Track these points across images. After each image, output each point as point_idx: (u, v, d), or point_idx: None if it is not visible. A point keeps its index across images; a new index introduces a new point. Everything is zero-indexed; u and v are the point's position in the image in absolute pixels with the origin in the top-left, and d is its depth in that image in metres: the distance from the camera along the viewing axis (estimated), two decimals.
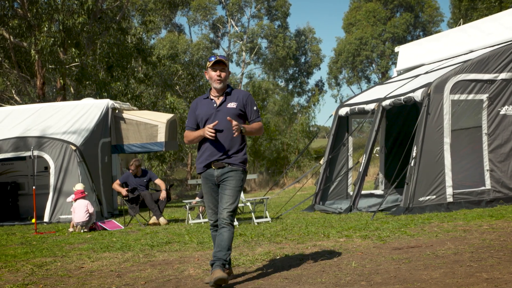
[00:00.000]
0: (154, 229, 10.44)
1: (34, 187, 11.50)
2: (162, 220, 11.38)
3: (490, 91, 10.64)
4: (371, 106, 11.67)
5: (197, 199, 11.90)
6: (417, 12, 52.15)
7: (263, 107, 37.36)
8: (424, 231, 7.76)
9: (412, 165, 10.14)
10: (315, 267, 5.80)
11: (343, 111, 12.59)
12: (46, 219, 12.76)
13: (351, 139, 12.90)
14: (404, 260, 5.81)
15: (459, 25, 13.89)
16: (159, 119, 15.09)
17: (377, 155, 13.86)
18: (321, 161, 12.91)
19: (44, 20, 21.86)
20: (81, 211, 10.80)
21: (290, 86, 54.37)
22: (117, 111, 15.24)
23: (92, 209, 11.02)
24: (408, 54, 14.44)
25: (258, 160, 32.50)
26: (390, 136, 13.46)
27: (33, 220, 11.53)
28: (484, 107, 10.64)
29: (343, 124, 12.83)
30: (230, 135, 5.23)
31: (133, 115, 15.35)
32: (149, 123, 14.99)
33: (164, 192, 11.56)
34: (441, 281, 4.84)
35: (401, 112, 13.15)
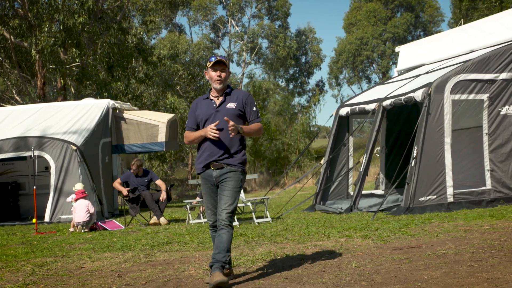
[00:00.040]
0: (154, 229, 10.44)
1: (34, 187, 11.50)
2: (163, 220, 11.38)
3: (491, 91, 10.63)
4: (371, 106, 11.66)
5: (198, 199, 11.91)
6: (417, 12, 52.13)
7: (263, 107, 37.35)
8: (425, 231, 7.76)
9: (412, 165, 10.13)
10: (316, 267, 5.80)
11: (343, 111, 12.59)
12: (46, 219, 12.77)
13: (351, 139, 12.90)
14: (404, 260, 5.81)
15: (460, 25, 13.89)
16: (159, 119, 15.10)
17: (378, 155, 13.85)
18: (322, 161, 12.90)
19: (45, 20, 21.87)
20: (81, 211, 10.81)
21: (291, 86, 54.37)
22: (117, 111, 15.25)
23: (93, 209, 11.02)
24: (409, 54, 14.43)
25: (258, 160, 32.48)
26: (391, 136, 13.45)
27: (34, 220, 11.53)
28: (485, 107, 10.63)
29: (343, 124, 12.83)
30: (229, 135, 5.22)
31: (133, 115, 15.36)
32: (150, 123, 15.00)
33: (164, 193, 11.57)
34: (441, 281, 4.84)
35: (401, 112, 13.14)
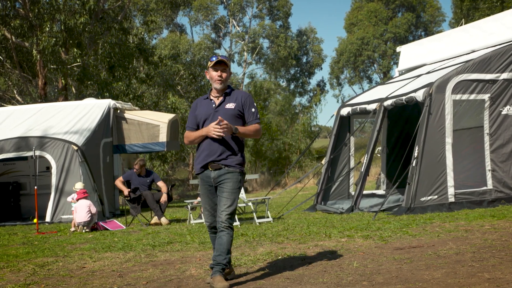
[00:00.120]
0: (155, 229, 10.44)
1: (36, 187, 11.51)
2: (164, 220, 11.38)
3: (492, 91, 10.62)
4: (372, 106, 11.66)
5: (199, 199, 11.90)
6: (418, 12, 52.14)
7: (264, 107, 37.34)
8: (426, 231, 7.75)
9: (413, 165, 10.13)
10: (317, 267, 5.80)
11: (344, 111, 12.58)
12: (47, 219, 12.77)
13: (352, 139, 12.89)
14: (405, 260, 5.81)
15: (461, 25, 13.89)
16: (160, 119, 15.11)
17: (379, 155, 13.85)
18: (323, 161, 12.90)
19: (46, 20, 21.89)
20: (82, 211, 10.82)
21: (292, 86, 54.40)
22: (118, 111, 15.26)
23: (94, 210, 11.03)
24: (410, 54, 14.42)
25: (259, 160, 32.48)
26: (392, 136, 13.45)
27: (35, 220, 11.53)
28: (486, 107, 10.62)
29: (344, 124, 12.82)
30: (230, 135, 5.21)
31: (134, 115, 15.38)
32: (151, 123, 15.02)
33: (165, 195, 11.56)
34: (442, 281, 4.84)
35: (402, 112, 13.13)
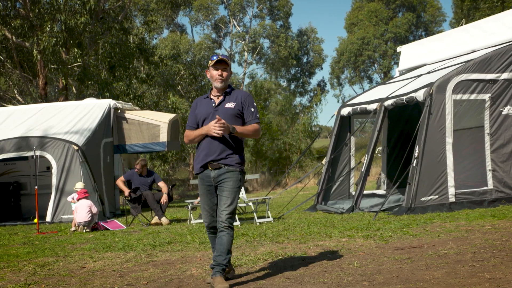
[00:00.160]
0: (156, 229, 10.44)
1: (36, 187, 11.50)
2: (164, 220, 11.38)
3: (492, 91, 10.62)
4: (373, 106, 11.66)
5: (199, 199, 11.89)
6: (419, 12, 52.13)
7: (265, 107, 37.34)
8: (426, 231, 7.75)
9: (414, 165, 10.12)
10: (317, 267, 5.80)
11: (345, 111, 12.58)
12: (48, 219, 12.78)
13: (353, 139, 12.89)
14: (406, 260, 5.81)
15: (461, 25, 13.88)
16: (161, 119, 15.11)
17: (379, 155, 13.85)
18: (323, 161, 12.90)
19: (46, 20, 21.90)
20: (83, 211, 10.82)
21: (292, 86, 54.40)
22: (119, 111, 15.26)
23: (95, 210, 11.04)
24: (410, 54, 14.42)
25: (260, 160, 32.48)
26: (392, 136, 13.45)
27: (35, 220, 11.53)
28: (486, 107, 10.62)
29: (345, 124, 12.82)
30: (227, 134, 5.19)
31: (135, 115, 15.38)
32: (151, 123, 15.01)
33: (165, 196, 11.56)
34: (443, 281, 4.84)
35: (403, 112, 13.13)
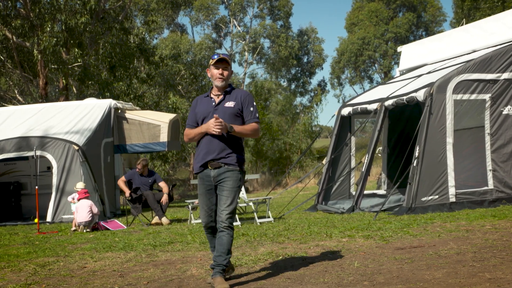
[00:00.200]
0: (156, 229, 10.45)
1: (36, 187, 11.51)
2: (165, 220, 11.38)
3: (493, 91, 10.62)
4: (373, 106, 11.66)
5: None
6: (419, 12, 52.11)
7: (265, 107, 37.35)
8: (427, 231, 7.75)
9: (414, 165, 10.12)
10: (318, 267, 5.80)
11: (345, 111, 12.58)
12: (48, 219, 12.77)
13: (353, 139, 12.89)
14: (406, 260, 5.81)
15: (462, 25, 13.88)
16: (161, 119, 15.11)
17: (380, 155, 13.85)
18: (324, 161, 12.90)
19: (47, 20, 21.91)
20: (83, 211, 10.82)
21: (293, 86, 54.40)
22: (119, 111, 15.26)
23: (96, 210, 11.04)
24: (411, 54, 14.42)
25: (260, 160, 32.48)
26: (393, 136, 13.45)
27: (36, 220, 11.54)
28: (487, 107, 10.62)
29: (345, 124, 12.82)
30: (226, 134, 5.17)
31: (135, 115, 15.37)
32: (152, 123, 15.01)
33: (166, 196, 11.55)
34: (443, 281, 4.84)
35: (403, 112, 13.13)
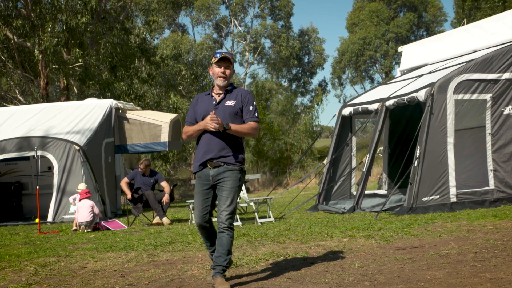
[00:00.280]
0: (157, 229, 10.45)
1: (37, 187, 11.52)
2: (166, 220, 11.38)
3: (494, 91, 10.62)
4: (374, 106, 11.66)
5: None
6: (420, 12, 52.11)
7: (266, 107, 37.36)
8: (428, 231, 7.75)
9: (415, 165, 10.12)
10: (319, 267, 5.80)
11: (346, 111, 12.58)
12: (49, 219, 12.78)
13: (354, 139, 12.89)
14: (407, 260, 5.80)
15: (463, 25, 13.89)
16: (162, 119, 15.11)
17: (381, 155, 13.84)
18: (325, 161, 12.90)
19: (48, 20, 21.92)
20: (85, 211, 10.83)
21: (294, 86, 54.41)
22: (120, 111, 15.26)
23: (97, 210, 11.05)
24: (412, 54, 14.42)
25: (261, 160, 32.48)
26: (394, 136, 13.44)
27: (37, 220, 11.54)
28: (488, 107, 10.61)
29: (346, 124, 12.82)
30: (226, 133, 5.13)
31: (136, 115, 15.38)
32: (153, 123, 15.01)
33: (167, 195, 11.55)
34: (444, 281, 4.84)
35: (404, 112, 13.13)
